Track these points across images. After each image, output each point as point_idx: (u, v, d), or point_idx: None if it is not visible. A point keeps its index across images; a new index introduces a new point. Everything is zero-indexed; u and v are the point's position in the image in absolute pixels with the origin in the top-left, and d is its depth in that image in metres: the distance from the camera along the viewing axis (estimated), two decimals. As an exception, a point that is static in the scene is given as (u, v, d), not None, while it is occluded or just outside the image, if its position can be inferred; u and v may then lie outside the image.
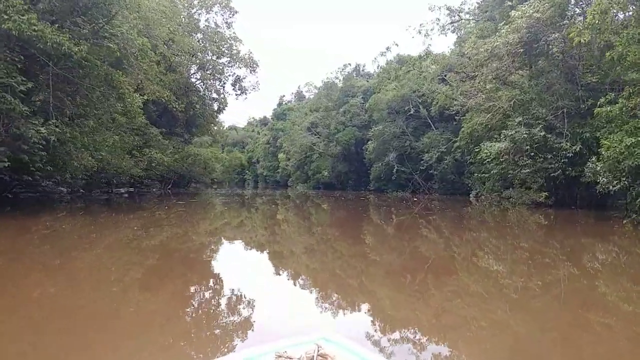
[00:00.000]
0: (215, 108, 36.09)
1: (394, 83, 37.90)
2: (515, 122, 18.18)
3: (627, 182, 12.55)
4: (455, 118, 28.77)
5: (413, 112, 35.23)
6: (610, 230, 12.33)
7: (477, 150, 21.05)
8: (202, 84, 34.12)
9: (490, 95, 21.03)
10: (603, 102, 13.99)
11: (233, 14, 32.75)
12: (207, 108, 34.14)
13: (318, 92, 55.37)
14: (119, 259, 7.61)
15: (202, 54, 31.98)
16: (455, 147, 28.41)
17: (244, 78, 35.74)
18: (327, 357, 2.11)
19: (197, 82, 33.90)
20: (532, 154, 17.56)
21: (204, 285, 6.05)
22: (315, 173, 51.32)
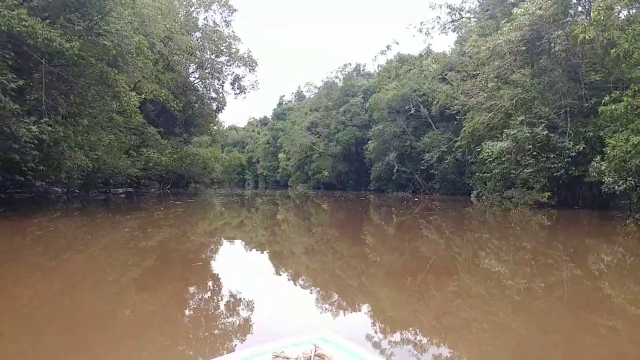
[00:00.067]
0: (214, 107, 35.83)
1: (395, 82, 37.68)
2: (518, 121, 17.92)
3: (633, 181, 12.30)
4: (456, 117, 28.58)
5: (413, 111, 35.03)
6: (614, 231, 12.18)
7: (478, 150, 20.81)
8: (200, 83, 33.88)
9: (492, 94, 20.77)
10: (608, 100, 13.71)
11: (232, 13, 32.51)
12: (205, 107, 33.89)
13: (318, 91, 55.15)
14: (116, 260, 7.45)
15: (200, 53, 31.67)
16: (456, 146, 28.16)
17: (243, 77, 35.59)
18: (324, 357, 2.09)
19: (195, 81, 33.66)
20: (534, 154, 17.31)
21: (203, 286, 5.98)
22: (316, 173, 51.07)
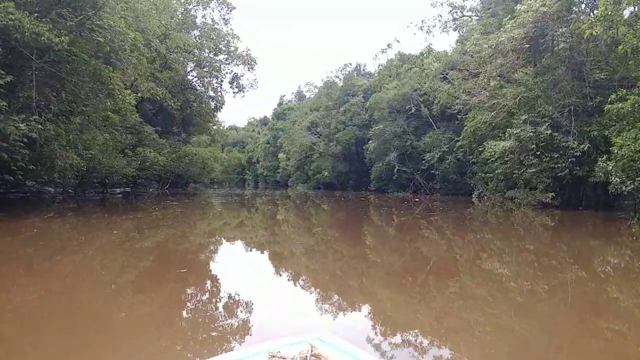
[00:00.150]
0: (213, 106, 35.39)
1: (395, 82, 37.36)
2: (521, 120, 17.59)
3: (641, 182, 11.98)
4: (457, 117, 28.30)
5: (414, 111, 34.74)
6: (618, 232, 12.00)
7: (480, 150, 20.48)
8: (199, 82, 33.48)
9: (495, 93, 20.44)
10: (614, 98, 13.40)
11: (230, 10, 32.09)
12: (204, 106, 33.48)
13: (318, 91, 54.85)
14: (112, 261, 7.31)
15: (198, 51, 31.23)
16: (458, 146, 27.83)
17: (242, 76, 35.17)
18: (320, 357, 2.08)
19: (193, 79, 33.28)
20: (538, 153, 16.97)
21: (203, 286, 5.91)
22: (316, 173, 50.74)
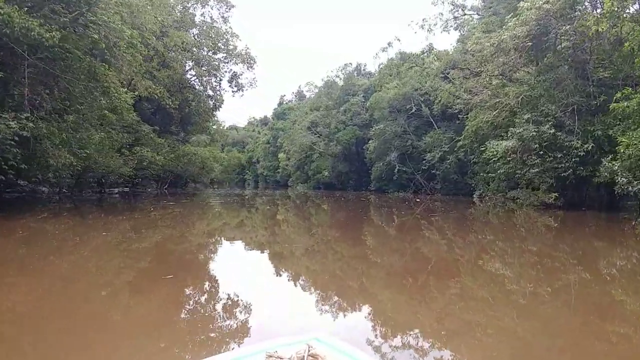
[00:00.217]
0: (211, 105, 35.06)
1: (396, 81, 37.11)
2: (523, 119, 17.30)
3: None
4: (459, 117, 28.07)
5: (415, 110, 34.51)
6: (622, 233, 11.79)
7: (482, 149, 20.19)
8: (197, 81, 33.18)
9: (497, 92, 20.16)
10: (619, 97, 13.12)
11: (229, 9, 31.80)
12: (202, 105, 33.15)
13: (319, 91, 54.59)
14: (108, 262, 7.14)
15: (197, 50, 30.93)
16: (459, 146, 27.57)
17: (241, 74, 34.80)
18: (317, 357, 2.08)
19: (192, 78, 32.96)
20: (541, 153, 16.69)
21: (202, 287, 5.85)
22: (316, 173, 50.49)
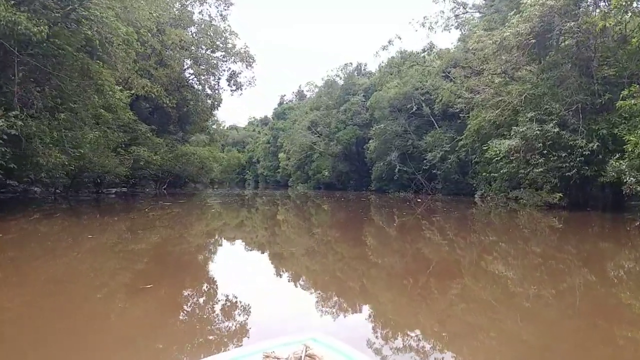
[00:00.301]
0: (209, 104, 34.71)
1: (396, 80, 36.79)
2: (527, 117, 16.97)
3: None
4: (460, 116, 27.77)
5: (415, 110, 34.20)
6: (628, 234, 11.54)
7: (485, 149, 19.86)
8: (195, 80, 32.84)
9: (499, 90, 19.83)
10: (626, 94, 12.80)
11: (228, 6, 31.40)
12: (200, 104, 32.78)
13: (319, 90, 54.28)
14: (103, 264, 6.89)
15: (195, 48, 30.59)
16: (460, 145, 27.23)
17: (240, 73, 34.39)
18: (315, 357, 2.08)
19: (190, 77, 32.63)
20: (544, 152, 16.37)
21: (200, 288, 5.79)
22: (316, 173, 50.19)
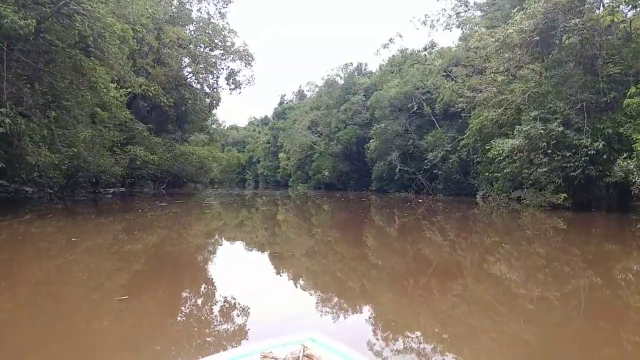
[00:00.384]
0: (208, 103, 34.38)
1: (397, 79, 36.46)
2: (530, 116, 16.62)
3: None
4: (461, 115, 27.47)
5: (416, 109, 33.88)
6: (632, 235, 11.29)
7: (487, 148, 19.51)
8: (194, 78, 32.52)
9: (502, 89, 19.49)
10: (633, 92, 12.46)
11: (227, 4, 31.05)
12: (198, 103, 32.48)
13: (319, 90, 53.99)
14: (99, 265, 6.72)
15: (193, 46, 30.26)
16: (461, 145, 26.88)
17: (239, 72, 34.18)
18: (312, 357, 2.07)
19: (188, 76, 32.29)
20: (549, 152, 16.02)
21: (199, 288, 5.77)
22: (316, 173, 49.88)
